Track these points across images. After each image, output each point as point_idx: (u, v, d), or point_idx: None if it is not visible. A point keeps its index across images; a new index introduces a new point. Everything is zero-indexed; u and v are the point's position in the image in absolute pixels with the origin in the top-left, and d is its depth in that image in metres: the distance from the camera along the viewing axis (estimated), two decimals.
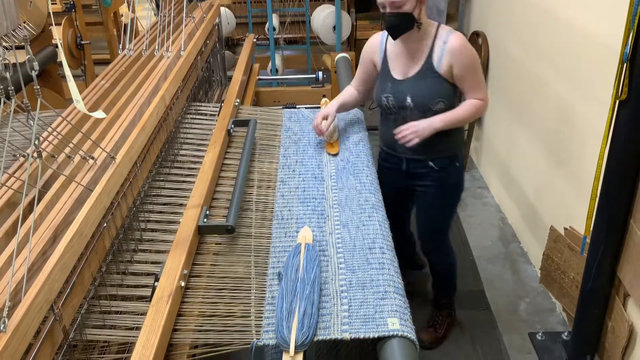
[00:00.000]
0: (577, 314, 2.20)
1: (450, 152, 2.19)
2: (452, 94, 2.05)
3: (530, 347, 2.48)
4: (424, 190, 2.26)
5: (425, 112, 2.05)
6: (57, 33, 3.65)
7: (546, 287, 2.69)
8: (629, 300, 2.02)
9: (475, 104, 2.05)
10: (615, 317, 2.08)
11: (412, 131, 1.99)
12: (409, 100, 2.06)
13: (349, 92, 2.32)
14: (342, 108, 2.28)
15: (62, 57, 0.96)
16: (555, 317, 2.64)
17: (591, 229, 2.01)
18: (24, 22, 2.80)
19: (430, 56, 2.02)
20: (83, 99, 1.79)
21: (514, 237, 3.21)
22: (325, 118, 2.15)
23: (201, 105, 2.26)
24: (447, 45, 1.98)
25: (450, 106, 2.05)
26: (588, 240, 2.05)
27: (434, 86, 2.03)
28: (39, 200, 1.23)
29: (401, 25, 1.96)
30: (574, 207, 2.44)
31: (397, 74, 2.11)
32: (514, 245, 3.15)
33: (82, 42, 3.88)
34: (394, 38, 2.04)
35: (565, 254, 2.44)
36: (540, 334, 2.52)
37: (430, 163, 2.18)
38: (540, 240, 2.76)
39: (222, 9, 3.05)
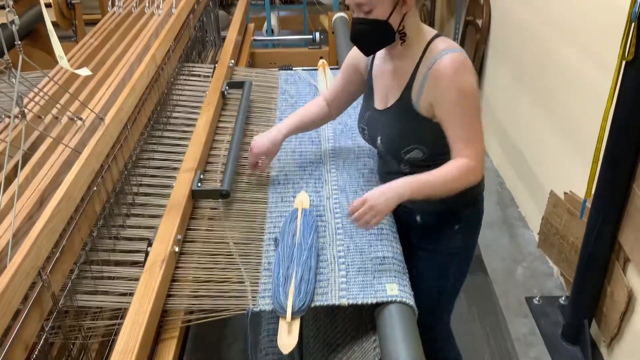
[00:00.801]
0: (576, 279, 2.19)
1: (444, 207, 1.54)
2: (432, 140, 1.43)
3: (527, 311, 2.48)
4: (411, 250, 1.61)
5: (399, 160, 1.51)
6: None
7: (544, 251, 2.68)
8: (629, 265, 2.00)
9: (460, 167, 1.36)
10: (614, 282, 2.07)
11: (366, 211, 1.33)
12: (379, 141, 1.53)
13: (314, 105, 1.71)
14: (299, 129, 1.71)
15: (43, 8, 0.90)
16: (553, 282, 2.64)
17: (592, 192, 1.98)
18: None
19: (410, 85, 1.43)
20: (71, 58, 1.72)
21: (512, 202, 3.18)
22: (261, 156, 1.63)
23: (194, 66, 2.19)
24: (431, 72, 1.37)
25: (431, 156, 1.45)
26: (588, 204, 2.02)
27: (408, 127, 1.45)
28: (25, 163, 1.18)
29: (371, 36, 1.40)
30: (574, 172, 2.41)
31: (378, 99, 1.54)
32: (511, 209, 3.13)
33: (73, 2, 3.76)
34: (365, 53, 1.50)
35: (564, 218, 2.42)
36: (537, 298, 2.52)
37: (417, 217, 1.61)
38: (539, 204, 2.73)
39: None
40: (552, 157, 2.69)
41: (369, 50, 1.48)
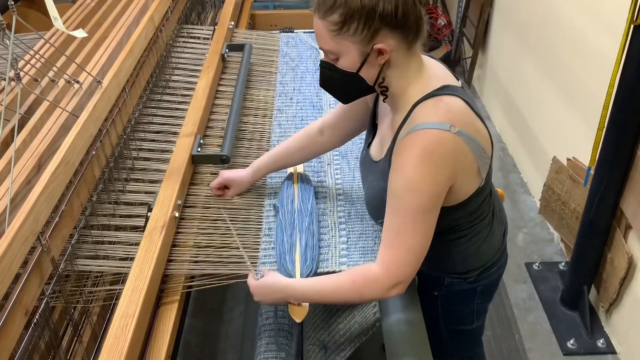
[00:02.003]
0: (576, 245, 2.19)
1: (439, 270, 1.31)
2: None
3: (527, 276, 2.50)
4: None
5: (375, 219, 1.31)
6: None
7: (545, 217, 2.68)
8: (630, 232, 2.00)
9: (358, 279, 1.10)
10: (615, 248, 2.07)
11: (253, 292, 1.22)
12: (364, 189, 1.31)
13: (307, 132, 1.43)
14: (277, 163, 1.45)
15: None
16: (553, 248, 2.64)
17: (596, 159, 1.96)
18: None
19: (392, 145, 1.12)
20: (67, 19, 1.69)
21: (514, 168, 3.17)
22: (224, 187, 1.45)
23: (194, 28, 2.14)
24: (397, 144, 1.08)
25: None
26: (592, 172, 2.01)
27: (376, 199, 1.19)
28: (22, 127, 1.16)
29: (341, 86, 1.12)
30: (577, 137, 2.39)
31: (375, 144, 1.26)
32: (513, 175, 3.12)
33: None
34: (341, 101, 1.23)
35: (566, 184, 2.41)
36: (537, 264, 2.53)
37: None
38: (541, 171, 2.72)
39: None
40: (555, 122, 2.66)
41: (344, 99, 1.20)
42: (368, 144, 1.28)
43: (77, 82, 1.28)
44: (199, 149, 1.51)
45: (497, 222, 1.29)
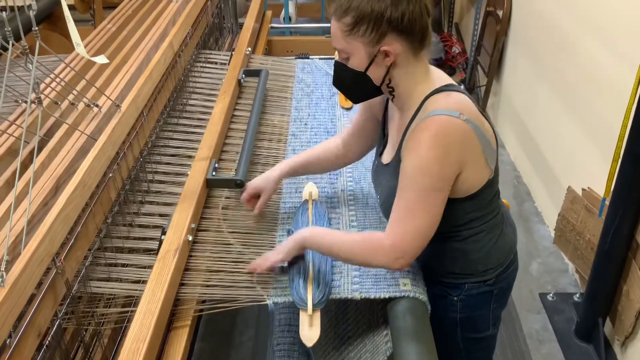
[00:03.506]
0: (591, 276, 2.16)
1: (462, 274, 1.35)
2: None
3: (541, 307, 2.46)
4: None
5: None
6: None
7: (560, 247, 2.65)
8: None
9: (370, 242, 1.19)
10: (630, 280, 2.04)
11: (258, 262, 1.29)
12: (378, 195, 1.40)
13: (326, 145, 1.51)
14: (303, 168, 1.51)
15: None
16: (568, 279, 2.61)
17: (611, 190, 1.94)
18: None
19: (401, 144, 1.22)
20: (88, 43, 1.72)
21: (529, 196, 3.15)
22: (255, 196, 1.47)
23: (211, 53, 2.18)
24: (409, 131, 1.19)
25: None
26: (607, 202, 1.99)
27: (392, 197, 1.20)
28: (41, 149, 1.18)
29: (352, 85, 1.23)
30: (592, 167, 2.37)
31: (387, 152, 1.34)
32: (528, 204, 3.10)
33: None
34: (352, 101, 1.35)
35: (581, 215, 2.39)
36: (551, 294, 2.50)
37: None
38: (556, 200, 2.70)
39: None
40: (570, 151, 2.65)
41: (354, 98, 1.31)
42: (379, 153, 1.36)
43: (97, 105, 1.30)
44: (214, 173, 1.52)
45: (507, 221, 1.37)
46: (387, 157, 1.32)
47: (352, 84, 1.22)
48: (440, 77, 1.23)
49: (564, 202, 2.54)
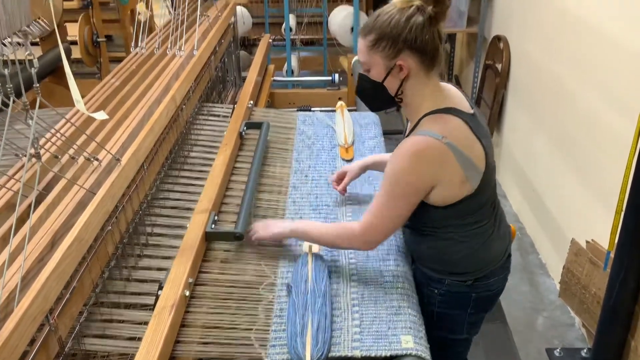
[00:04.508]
0: (598, 331, 2.11)
1: (442, 268, 1.50)
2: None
3: None
4: None
5: None
6: (71, 30, 3.64)
7: (565, 301, 2.60)
8: None
9: (345, 228, 1.45)
10: (638, 336, 1.99)
11: (260, 226, 1.53)
12: None
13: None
14: (380, 166, 1.73)
15: (62, 55, 0.91)
16: (574, 333, 2.55)
17: (615, 243, 1.92)
18: (39, 19, 2.77)
19: None
20: (92, 98, 1.74)
21: (533, 248, 3.12)
22: (341, 177, 1.76)
23: (214, 106, 2.20)
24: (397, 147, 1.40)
25: (414, 225, 1.49)
26: (612, 256, 1.96)
27: None
28: (39, 203, 1.18)
29: (371, 94, 1.44)
30: (596, 219, 2.35)
31: None
32: (532, 256, 3.06)
33: (99, 40, 3.86)
34: (370, 108, 1.59)
35: (586, 268, 2.35)
36: (558, 349, 2.43)
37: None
38: (560, 252, 2.67)
39: (239, 8, 3.00)
40: (572, 203, 2.64)
41: (372, 106, 1.55)
42: None
43: (97, 159, 1.31)
44: (213, 226, 1.51)
45: (498, 236, 1.50)
46: None
47: (371, 92, 1.42)
48: (449, 96, 1.40)
49: (568, 255, 2.51)
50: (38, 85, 0.96)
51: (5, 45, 1.39)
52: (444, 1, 1.32)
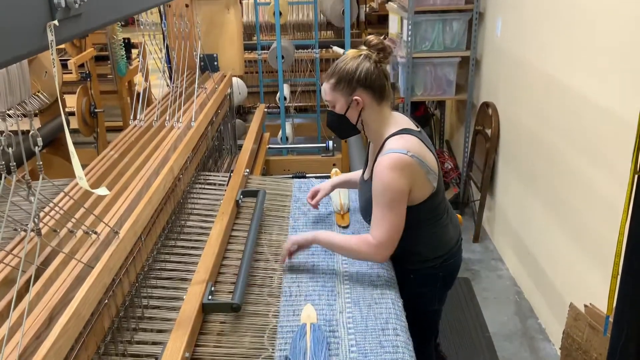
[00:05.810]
0: None
1: (418, 256, 1.85)
2: None
3: None
4: None
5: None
6: (69, 101, 3.72)
7: None
8: None
9: (361, 240, 1.70)
10: None
11: (286, 245, 1.80)
12: (359, 206, 1.95)
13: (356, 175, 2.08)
14: (348, 185, 2.10)
15: (67, 133, 0.94)
16: None
17: (614, 307, 1.91)
18: (38, 92, 2.84)
19: (373, 165, 1.73)
20: (90, 170, 1.77)
21: (532, 313, 3.08)
22: (315, 194, 2.06)
23: (210, 175, 2.23)
24: (374, 168, 1.70)
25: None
26: (611, 320, 1.95)
27: (368, 204, 1.75)
28: (37, 278, 1.17)
29: (338, 125, 1.79)
30: (593, 283, 2.35)
31: (367, 170, 1.87)
32: (531, 321, 3.03)
33: (96, 110, 3.94)
34: (339, 137, 1.93)
35: (586, 332, 2.33)
36: None
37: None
38: (559, 316, 2.64)
39: (234, 79, 3.09)
40: (569, 266, 2.64)
41: (341, 135, 1.90)
42: (364, 171, 1.93)
43: (95, 232, 1.31)
44: (210, 297, 1.50)
45: (452, 224, 1.88)
46: (367, 175, 1.87)
47: (337, 124, 1.79)
48: (398, 121, 1.77)
49: (568, 319, 2.48)
50: (41, 163, 0.98)
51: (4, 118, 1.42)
52: (385, 49, 1.70)
